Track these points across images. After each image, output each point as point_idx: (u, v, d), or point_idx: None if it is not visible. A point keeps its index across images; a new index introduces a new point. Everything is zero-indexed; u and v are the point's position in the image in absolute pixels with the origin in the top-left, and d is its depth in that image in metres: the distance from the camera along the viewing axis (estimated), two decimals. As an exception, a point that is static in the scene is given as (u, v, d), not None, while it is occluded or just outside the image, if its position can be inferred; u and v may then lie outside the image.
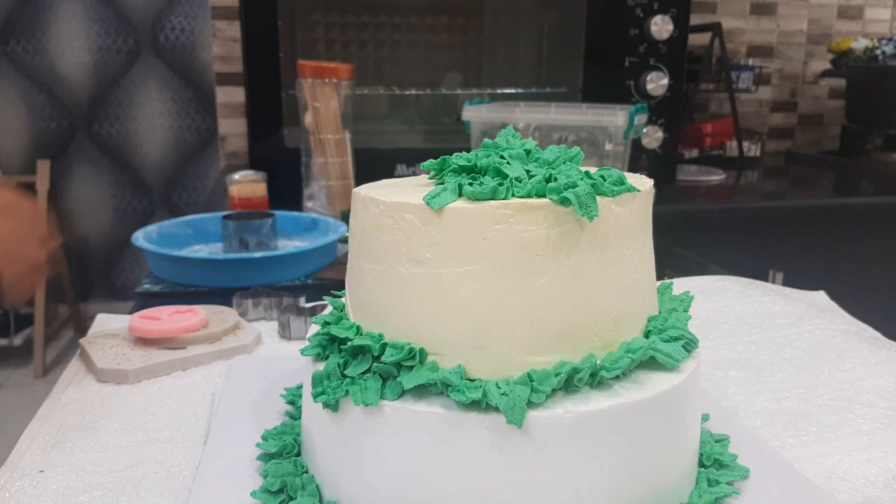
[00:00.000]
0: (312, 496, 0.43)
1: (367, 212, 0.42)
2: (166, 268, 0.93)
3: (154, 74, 2.51)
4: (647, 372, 0.42)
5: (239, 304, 0.78)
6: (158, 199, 2.63)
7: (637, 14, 1.54)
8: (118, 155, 2.57)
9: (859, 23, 2.26)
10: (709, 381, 0.63)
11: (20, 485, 0.46)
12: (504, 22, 1.76)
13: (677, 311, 0.48)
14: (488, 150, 0.44)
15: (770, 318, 0.77)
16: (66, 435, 0.53)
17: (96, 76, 2.47)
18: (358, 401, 0.39)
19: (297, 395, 0.56)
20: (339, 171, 1.19)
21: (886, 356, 0.67)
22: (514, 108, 1.26)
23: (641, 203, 0.43)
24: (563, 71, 1.74)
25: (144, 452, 0.51)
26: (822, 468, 0.49)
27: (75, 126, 2.52)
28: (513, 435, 0.37)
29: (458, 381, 0.38)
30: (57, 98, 2.48)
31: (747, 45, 2.20)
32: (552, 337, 0.39)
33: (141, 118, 2.55)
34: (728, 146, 2.05)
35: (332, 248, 1.00)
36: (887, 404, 0.58)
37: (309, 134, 1.18)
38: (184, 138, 2.59)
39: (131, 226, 2.57)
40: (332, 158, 1.18)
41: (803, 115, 2.31)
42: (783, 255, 1.55)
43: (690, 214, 1.54)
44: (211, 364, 0.66)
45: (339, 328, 0.43)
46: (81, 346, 0.67)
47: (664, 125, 1.59)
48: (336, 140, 1.17)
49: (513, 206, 0.38)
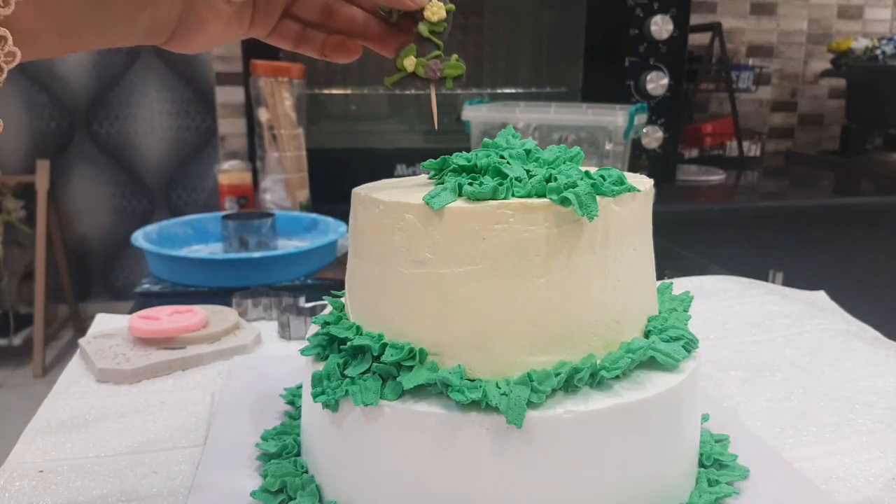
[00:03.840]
0: (312, 496, 0.43)
1: (366, 212, 0.42)
2: (166, 268, 0.93)
3: (154, 74, 2.51)
4: (647, 372, 0.42)
5: (239, 304, 0.78)
6: (158, 199, 2.63)
7: (637, 14, 1.54)
8: (118, 155, 2.57)
9: (859, 23, 2.26)
10: (709, 381, 0.63)
11: (20, 485, 0.46)
12: (504, 22, 1.76)
13: (677, 311, 0.48)
14: (488, 150, 0.44)
15: (770, 318, 0.77)
16: (66, 435, 0.53)
17: (96, 76, 2.47)
18: (358, 401, 0.39)
19: (297, 395, 0.56)
20: (296, 165, 1.25)
21: (886, 356, 0.67)
22: (514, 108, 1.26)
23: (641, 203, 0.43)
24: (563, 71, 1.74)
25: (144, 452, 0.51)
26: (822, 468, 0.49)
27: (75, 126, 2.52)
28: (513, 435, 0.37)
29: (457, 381, 0.38)
30: (57, 98, 2.48)
31: (747, 44, 2.20)
32: (552, 337, 0.39)
33: (141, 118, 2.55)
34: (728, 146, 2.05)
35: (331, 248, 1.00)
36: (887, 404, 0.58)
37: (263, 129, 1.24)
38: (183, 138, 2.59)
39: (131, 226, 2.57)
40: (289, 153, 1.23)
41: (803, 115, 2.31)
42: (783, 255, 1.55)
43: (690, 214, 1.54)
44: (211, 364, 0.66)
45: (338, 328, 0.43)
46: (81, 346, 0.67)
47: (664, 125, 1.59)
48: (292, 135, 1.23)
49: (513, 206, 0.38)
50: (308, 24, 0.44)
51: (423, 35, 0.43)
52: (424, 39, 0.43)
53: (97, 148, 2.55)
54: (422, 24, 0.43)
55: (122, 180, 2.59)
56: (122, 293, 2.69)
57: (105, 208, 2.61)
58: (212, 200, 2.61)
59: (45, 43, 0.31)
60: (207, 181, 2.62)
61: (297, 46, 0.45)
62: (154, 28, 0.35)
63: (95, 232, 2.63)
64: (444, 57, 0.44)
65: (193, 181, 2.63)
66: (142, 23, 0.34)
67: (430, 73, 0.44)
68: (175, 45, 0.37)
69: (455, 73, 0.44)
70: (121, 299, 2.68)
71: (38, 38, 0.31)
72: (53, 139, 2.52)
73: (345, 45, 0.45)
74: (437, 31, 0.43)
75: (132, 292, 0.93)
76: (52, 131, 2.51)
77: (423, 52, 0.43)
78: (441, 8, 0.43)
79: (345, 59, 0.45)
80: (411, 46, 0.43)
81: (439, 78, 0.44)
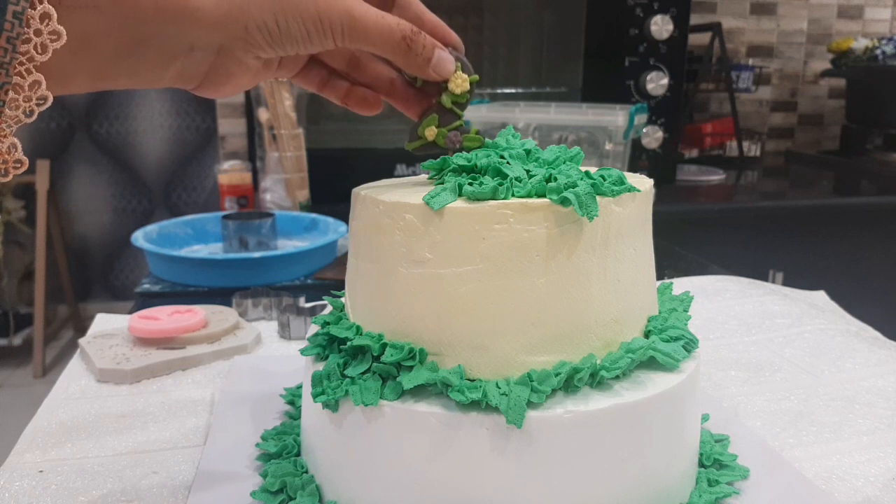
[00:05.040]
0: (312, 496, 0.43)
1: (366, 212, 0.42)
2: (166, 268, 0.93)
3: (154, 74, 2.51)
4: (647, 372, 0.42)
5: (239, 304, 0.78)
6: (158, 199, 2.63)
7: (637, 14, 1.54)
8: (118, 155, 2.57)
9: (859, 23, 2.26)
10: (709, 381, 0.63)
11: (20, 485, 0.46)
12: (504, 22, 1.76)
13: (677, 311, 0.48)
14: (488, 150, 0.44)
15: (770, 318, 0.77)
16: (66, 435, 0.53)
17: (96, 76, 2.47)
18: (357, 401, 0.39)
19: (297, 395, 0.56)
20: (296, 165, 1.25)
21: (886, 356, 0.67)
22: (514, 108, 1.26)
23: (641, 203, 0.43)
24: (563, 71, 1.74)
25: (144, 452, 0.51)
26: (822, 468, 0.49)
27: (75, 126, 2.52)
28: (513, 435, 0.37)
29: (457, 381, 0.38)
30: (57, 98, 2.47)
31: (747, 44, 2.21)
32: (552, 337, 0.39)
33: (141, 118, 2.55)
34: (728, 146, 2.05)
35: (331, 248, 1.00)
36: (887, 404, 0.58)
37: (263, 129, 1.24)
38: (183, 138, 2.59)
39: (131, 225, 2.57)
40: (289, 153, 1.23)
41: (803, 115, 2.31)
42: (783, 255, 1.55)
43: (690, 214, 1.54)
44: (211, 364, 0.66)
45: (338, 328, 0.43)
46: (81, 346, 0.67)
47: (664, 125, 1.59)
48: (292, 135, 1.23)
49: (512, 205, 0.38)
50: (334, 72, 0.45)
51: (445, 106, 0.44)
52: (447, 110, 0.44)
53: (97, 148, 2.55)
54: (445, 94, 0.44)
55: (122, 180, 2.59)
56: (122, 293, 2.69)
57: (105, 208, 2.61)
58: (212, 200, 2.61)
59: (77, 84, 0.32)
60: (207, 181, 2.62)
61: (321, 91, 0.46)
62: (183, 77, 0.36)
63: (95, 232, 2.63)
64: (465, 127, 0.45)
65: (193, 181, 2.63)
66: (172, 71, 0.35)
67: (449, 144, 0.45)
68: (203, 92, 0.38)
69: (474, 145, 0.45)
70: (121, 299, 2.68)
71: (71, 80, 0.32)
72: (53, 139, 2.52)
73: (367, 99, 0.46)
74: (460, 102, 0.44)
75: (132, 292, 0.93)
76: (52, 131, 2.51)
77: (445, 122, 0.44)
78: (465, 80, 0.43)
79: (366, 112, 0.47)
80: (434, 116, 0.44)
81: (458, 149, 0.45)
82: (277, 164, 1.25)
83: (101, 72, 0.33)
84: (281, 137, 1.22)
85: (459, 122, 0.45)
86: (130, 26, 0.32)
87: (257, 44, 0.36)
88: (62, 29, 0.29)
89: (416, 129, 0.45)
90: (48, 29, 0.29)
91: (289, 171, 1.24)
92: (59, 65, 0.30)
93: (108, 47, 0.32)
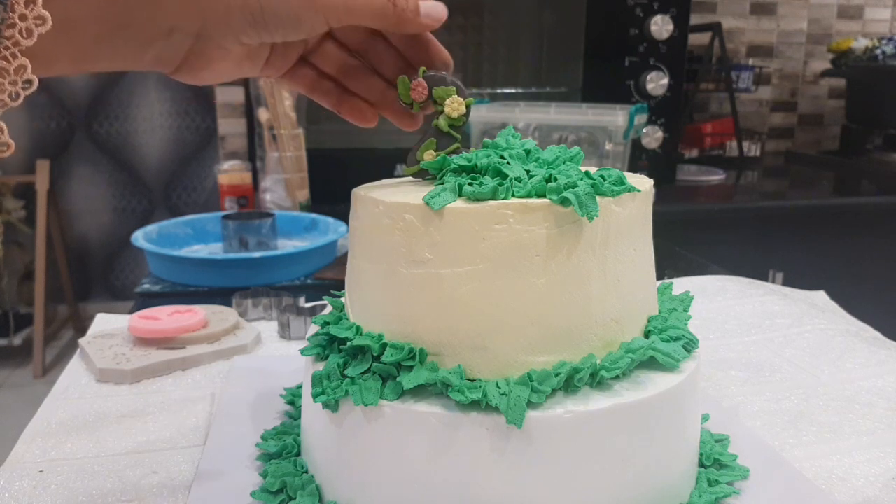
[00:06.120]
0: (312, 496, 0.43)
1: (366, 212, 0.42)
2: (166, 268, 0.93)
3: (154, 74, 2.50)
4: (647, 372, 0.42)
5: (239, 304, 0.78)
6: (158, 199, 2.63)
7: (637, 14, 1.54)
8: (118, 155, 2.57)
9: (859, 23, 2.26)
10: (709, 381, 0.63)
11: (20, 485, 0.46)
12: (504, 22, 1.76)
13: (677, 311, 0.48)
14: (488, 150, 0.44)
15: (770, 318, 0.77)
16: (66, 435, 0.53)
17: (96, 76, 2.47)
18: (357, 401, 0.39)
19: (297, 395, 0.56)
20: (296, 165, 1.25)
21: (886, 356, 0.67)
22: (514, 108, 1.26)
23: (641, 203, 0.43)
24: (563, 71, 1.74)
25: (144, 452, 0.51)
26: (822, 468, 0.49)
27: (75, 126, 2.52)
28: (513, 435, 0.37)
29: (457, 382, 0.38)
30: (57, 98, 2.48)
31: (747, 44, 2.20)
32: (552, 337, 0.39)
33: (141, 118, 2.55)
34: (728, 146, 2.05)
35: (331, 248, 1.00)
36: (887, 404, 0.58)
37: (263, 129, 1.24)
38: (183, 138, 2.59)
39: (131, 225, 2.57)
40: (289, 153, 1.23)
41: (803, 115, 2.31)
42: (783, 255, 1.55)
43: (690, 214, 1.54)
44: (211, 364, 0.66)
45: (338, 328, 0.43)
46: (81, 346, 0.67)
47: (664, 125, 1.59)
48: (292, 135, 1.23)
49: (512, 206, 0.38)
50: (324, 75, 0.45)
51: (442, 130, 0.44)
52: (444, 133, 0.44)
53: (97, 148, 2.55)
54: (442, 118, 0.43)
55: (122, 180, 2.59)
56: (122, 293, 2.69)
57: (105, 208, 2.61)
58: (212, 200, 2.61)
59: (59, 67, 0.33)
60: (207, 181, 2.62)
61: (310, 93, 0.46)
62: (162, 60, 0.36)
63: (95, 232, 2.63)
64: (462, 149, 0.45)
65: (193, 181, 2.63)
66: (150, 54, 0.35)
67: None
68: (181, 77, 0.38)
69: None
70: (121, 299, 2.68)
71: (54, 63, 0.32)
72: (53, 139, 2.52)
73: (362, 111, 0.46)
74: (457, 126, 0.44)
75: (132, 292, 0.93)
76: (52, 131, 2.51)
77: (443, 145, 0.44)
78: (462, 104, 0.43)
79: (361, 123, 0.47)
80: (431, 140, 0.44)
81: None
82: (277, 164, 1.25)
83: (82, 55, 0.33)
84: (281, 137, 1.22)
85: (457, 145, 0.44)
86: (112, 9, 0.32)
87: (239, 26, 0.36)
88: (47, 14, 0.29)
89: (415, 153, 0.45)
90: (33, 14, 0.29)
91: (289, 171, 1.24)
92: (43, 48, 0.30)
93: (90, 31, 0.32)
